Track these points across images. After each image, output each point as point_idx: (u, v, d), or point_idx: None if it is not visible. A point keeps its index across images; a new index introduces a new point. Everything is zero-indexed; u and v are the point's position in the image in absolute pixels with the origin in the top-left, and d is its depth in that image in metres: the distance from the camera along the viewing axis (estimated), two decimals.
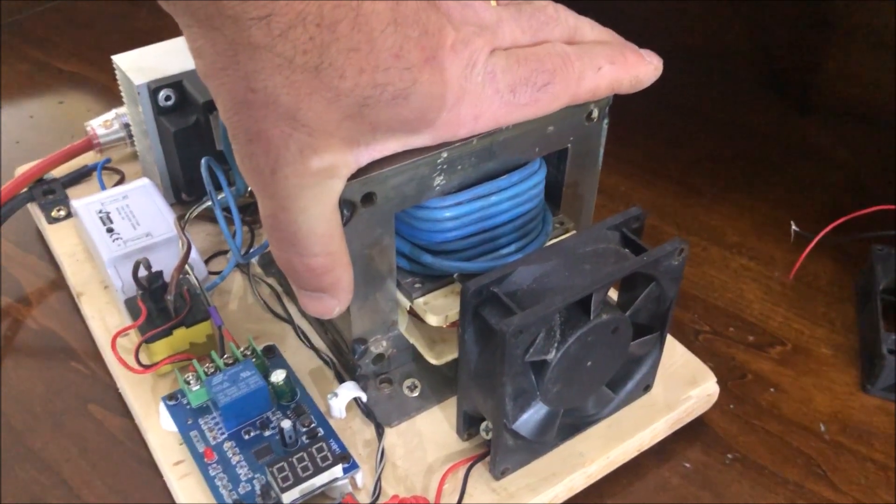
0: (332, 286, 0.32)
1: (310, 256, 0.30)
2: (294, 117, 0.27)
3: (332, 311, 0.33)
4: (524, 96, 0.30)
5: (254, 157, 0.28)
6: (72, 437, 0.41)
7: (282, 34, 0.25)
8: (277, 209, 0.29)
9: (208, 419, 0.38)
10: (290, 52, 0.25)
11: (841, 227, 0.50)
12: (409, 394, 0.40)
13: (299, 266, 0.31)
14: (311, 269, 0.31)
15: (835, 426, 0.42)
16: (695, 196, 0.58)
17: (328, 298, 0.32)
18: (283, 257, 0.31)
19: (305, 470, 0.34)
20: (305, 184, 0.28)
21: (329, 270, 0.31)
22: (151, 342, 0.40)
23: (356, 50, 0.26)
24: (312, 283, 0.31)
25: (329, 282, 0.31)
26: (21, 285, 0.50)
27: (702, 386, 0.41)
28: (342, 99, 0.27)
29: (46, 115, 0.67)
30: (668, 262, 0.35)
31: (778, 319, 0.48)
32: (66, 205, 0.52)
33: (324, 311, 0.33)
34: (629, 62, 0.34)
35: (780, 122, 0.65)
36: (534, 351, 0.32)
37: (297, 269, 0.31)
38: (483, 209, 0.36)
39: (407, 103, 0.28)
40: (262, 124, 0.27)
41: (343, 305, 0.33)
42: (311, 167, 0.28)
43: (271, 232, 0.30)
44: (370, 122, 0.28)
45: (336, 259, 0.31)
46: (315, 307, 0.33)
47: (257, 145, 0.27)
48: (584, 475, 0.38)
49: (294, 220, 0.29)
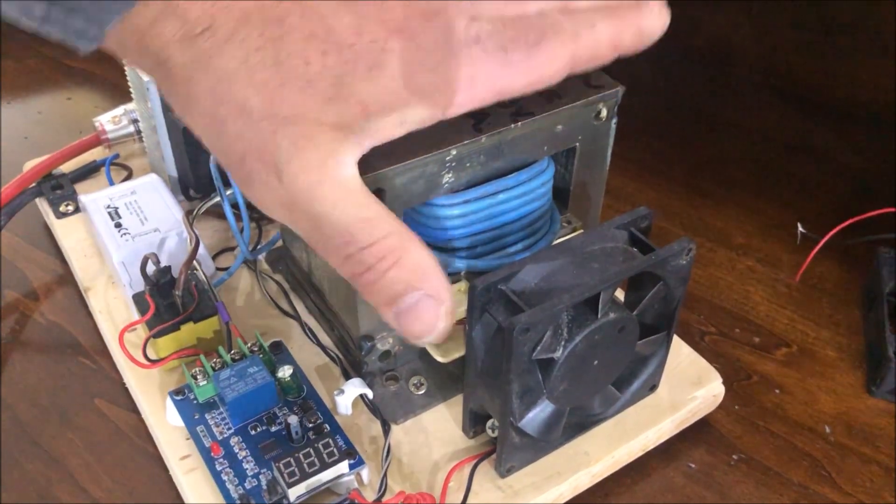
0: (419, 273, 0.28)
1: (374, 244, 0.27)
2: (273, 114, 0.26)
3: (438, 320, 0.28)
4: (517, 53, 0.28)
5: (254, 176, 0.27)
6: (79, 431, 0.41)
7: (228, 39, 0.25)
8: (310, 220, 0.27)
9: (215, 414, 0.38)
10: (241, 53, 0.25)
11: (847, 230, 0.50)
12: (416, 391, 0.40)
13: (372, 261, 0.27)
14: (384, 258, 0.27)
15: (840, 428, 0.42)
16: (701, 197, 0.58)
17: (425, 299, 0.28)
18: (355, 268, 0.28)
19: (312, 465, 0.34)
20: (318, 179, 0.27)
21: (402, 247, 0.28)
22: (159, 337, 0.40)
23: (313, 36, 0.26)
24: (397, 279, 0.27)
25: (412, 267, 0.28)
26: (29, 280, 0.50)
27: (707, 386, 0.41)
28: (315, 83, 0.26)
29: (55, 111, 0.67)
30: (675, 261, 0.35)
31: (784, 321, 0.48)
32: (75, 200, 0.52)
33: (427, 322, 0.28)
34: (627, 15, 0.31)
35: (787, 124, 0.65)
36: (541, 349, 0.32)
37: (373, 269, 0.27)
38: (491, 207, 0.36)
39: (385, 72, 0.27)
40: (245, 133, 0.26)
41: (446, 302, 0.28)
42: (312, 159, 0.26)
43: (323, 245, 0.28)
44: (357, 102, 0.27)
45: (402, 233, 0.28)
46: (416, 322, 0.28)
47: (251, 159, 0.26)
48: (588, 474, 0.38)
49: (335, 220, 0.27)
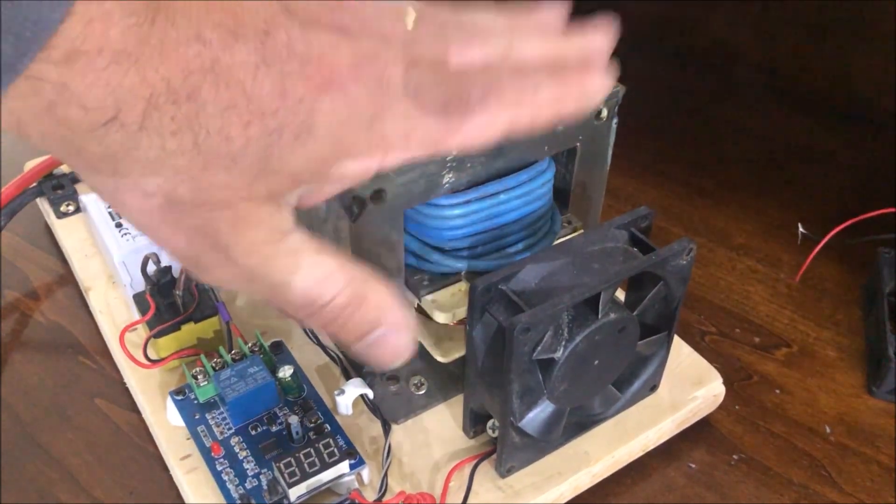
0: (381, 310, 0.28)
1: (336, 297, 0.27)
2: (203, 200, 0.24)
3: (403, 346, 0.29)
4: (457, 115, 0.27)
5: (205, 258, 0.26)
6: (79, 431, 0.41)
7: (140, 128, 0.22)
8: (270, 290, 0.26)
9: (215, 414, 0.38)
10: (158, 141, 0.23)
11: (847, 230, 0.50)
12: (416, 391, 0.40)
13: (336, 312, 0.27)
14: (346, 307, 0.27)
15: (840, 428, 0.42)
16: (701, 197, 0.58)
17: (388, 332, 0.28)
18: (318, 321, 0.27)
19: (312, 465, 0.34)
20: (267, 254, 0.26)
21: (362, 292, 0.28)
22: (159, 337, 0.40)
23: (232, 107, 0.23)
24: (362, 321, 0.28)
25: (373, 306, 0.28)
26: (29, 280, 0.50)
27: (708, 387, 0.41)
28: (239, 161, 0.24)
29: None
30: (676, 261, 0.35)
31: (784, 321, 0.48)
32: (75, 200, 0.52)
33: (394, 351, 0.29)
34: (571, 79, 0.30)
35: (787, 124, 0.65)
36: (541, 349, 0.32)
37: (338, 318, 0.27)
38: (492, 207, 0.36)
39: (313, 137, 0.25)
40: (182, 223, 0.25)
41: (409, 330, 0.29)
42: (256, 238, 0.25)
43: (285, 309, 0.27)
44: (287, 173, 0.25)
45: (359, 278, 0.28)
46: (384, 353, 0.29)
47: (196, 245, 0.25)
48: (589, 474, 0.38)
49: (294, 287, 0.26)
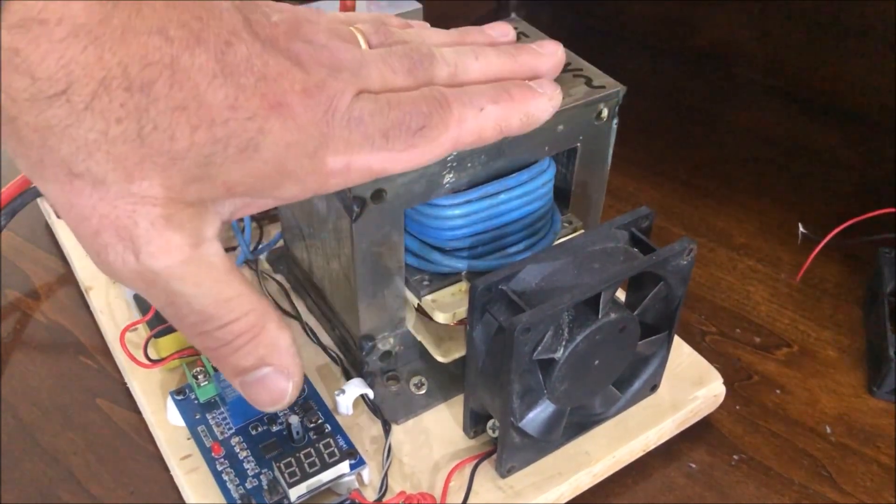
0: (272, 349, 0.28)
1: (232, 322, 0.27)
2: (130, 192, 0.24)
3: (286, 393, 0.28)
4: (399, 142, 0.28)
5: (109, 250, 0.25)
6: (80, 430, 0.41)
7: (87, 107, 0.22)
8: (168, 297, 0.26)
9: (216, 414, 0.38)
10: (101, 124, 0.23)
11: (848, 230, 0.50)
12: (416, 391, 0.40)
13: (228, 339, 0.27)
14: (240, 336, 0.27)
15: (841, 428, 0.42)
16: (702, 197, 0.58)
17: (273, 374, 0.28)
18: (208, 343, 0.27)
19: (312, 466, 0.34)
20: (179, 260, 0.25)
21: (259, 325, 0.27)
22: (160, 337, 0.40)
23: (183, 108, 0.23)
24: (250, 354, 0.27)
25: (267, 343, 0.28)
26: (30, 279, 0.50)
27: (708, 387, 0.41)
28: (179, 162, 0.24)
29: None
30: (676, 261, 0.35)
31: (784, 321, 0.48)
32: None
33: (275, 394, 0.28)
34: (516, 99, 0.31)
35: (788, 124, 0.65)
36: (542, 349, 0.32)
37: (228, 345, 0.27)
38: (492, 207, 0.36)
39: (258, 154, 0.25)
40: (100, 209, 0.24)
41: (294, 377, 0.29)
42: (171, 241, 0.25)
43: (178, 321, 0.27)
44: (223, 183, 0.25)
45: (260, 311, 0.27)
46: (264, 392, 0.28)
47: (106, 234, 0.24)
48: (589, 474, 0.38)
49: (194, 301, 0.26)
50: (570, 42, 0.40)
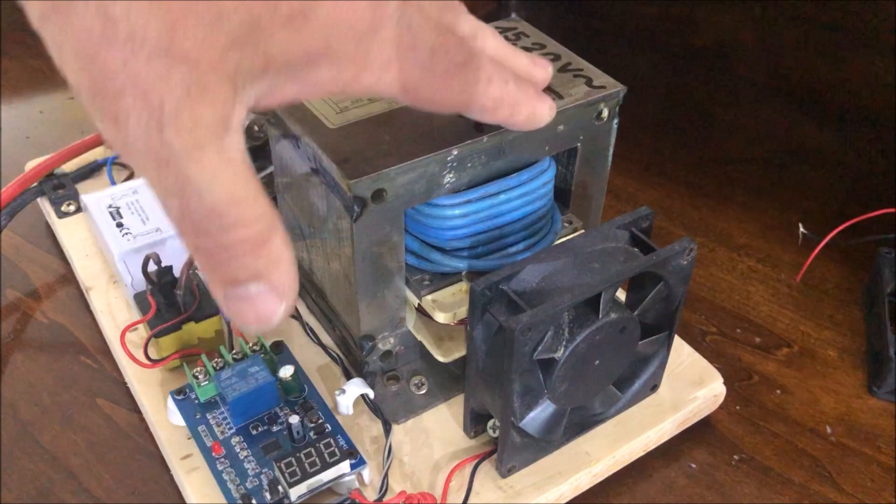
0: (273, 265, 0.25)
1: (240, 226, 0.24)
2: (169, 50, 0.21)
3: (274, 315, 0.26)
4: (440, 66, 0.27)
5: (130, 117, 0.22)
6: (80, 430, 0.41)
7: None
8: (179, 183, 0.23)
9: (216, 414, 0.38)
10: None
11: (848, 230, 0.50)
12: (417, 391, 0.40)
13: (231, 243, 0.24)
14: (244, 243, 0.24)
15: (841, 428, 0.42)
16: (702, 198, 0.58)
17: (266, 292, 0.25)
18: (206, 244, 0.24)
19: (313, 465, 0.34)
20: (204, 140, 0.23)
21: (267, 235, 0.25)
22: (160, 337, 0.40)
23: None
24: (248, 265, 0.25)
25: (269, 257, 0.25)
26: (31, 279, 0.50)
27: (708, 387, 0.41)
28: (225, 20, 0.22)
29: (56, 111, 0.67)
30: (676, 261, 0.35)
31: (785, 321, 0.48)
32: (76, 199, 0.52)
33: (262, 314, 0.25)
34: (530, 93, 0.31)
35: (788, 124, 0.65)
36: (542, 349, 0.32)
37: (228, 250, 0.24)
38: (492, 207, 0.36)
39: (307, 24, 0.23)
40: (131, 66, 0.21)
41: (288, 299, 0.26)
42: (201, 118, 0.22)
43: (179, 214, 0.24)
44: (263, 54, 0.23)
45: (271, 219, 0.25)
46: (253, 308, 0.25)
47: (130, 98, 0.21)
48: (589, 474, 0.38)
49: (207, 192, 0.23)
50: (570, 42, 0.40)
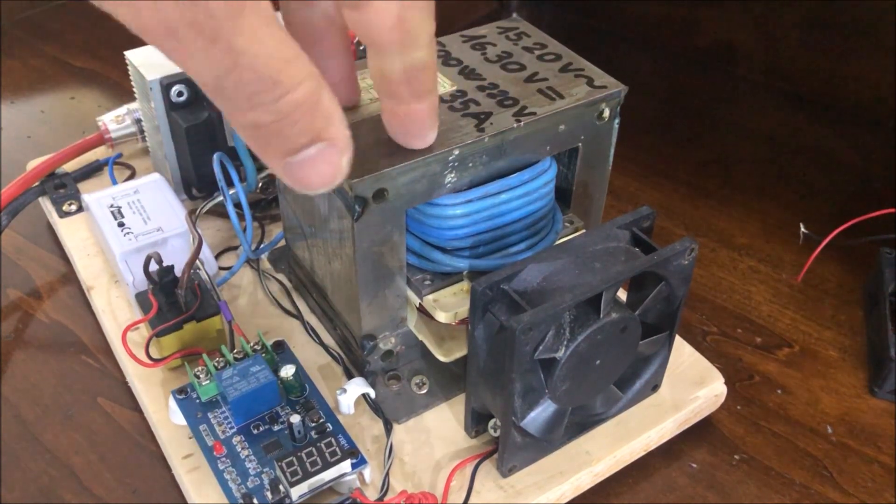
0: (329, 120, 0.25)
1: (294, 87, 0.24)
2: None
3: (340, 169, 0.26)
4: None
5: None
6: (81, 430, 0.41)
7: None
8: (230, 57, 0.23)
9: (217, 413, 0.38)
10: None
11: (849, 230, 0.50)
12: (418, 390, 0.40)
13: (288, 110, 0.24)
14: (300, 105, 0.24)
15: (842, 428, 0.42)
16: (703, 198, 0.58)
17: (328, 149, 0.26)
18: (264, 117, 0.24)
19: (314, 465, 0.34)
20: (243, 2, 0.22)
21: (318, 92, 0.25)
22: (162, 336, 0.40)
23: None
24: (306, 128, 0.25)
25: (325, 114, 0.25)
26: (32, 279, 0.50)
27: (709, 386, 0.41)
28: None
29: (58, 111, 0.67)
30: (678, 261, 0.35)
31: (786, 321, 0.48)
32: (78, 199, 0.52)
33: (327, 172, 0.26)
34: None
35: (789, 124, 0.65)
36: (543, 348, 0.32)
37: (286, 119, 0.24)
38: (493, 207, 0.36)
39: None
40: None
41: (348, 150, 0.26)
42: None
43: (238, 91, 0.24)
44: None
45: (317, 75, 0.25)
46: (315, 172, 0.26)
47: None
48: (590, 474, 0.38)
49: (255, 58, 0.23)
50: (571, 42, 0.40)
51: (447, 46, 0.40)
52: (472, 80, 0.37)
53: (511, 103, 0.36)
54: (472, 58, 0.39)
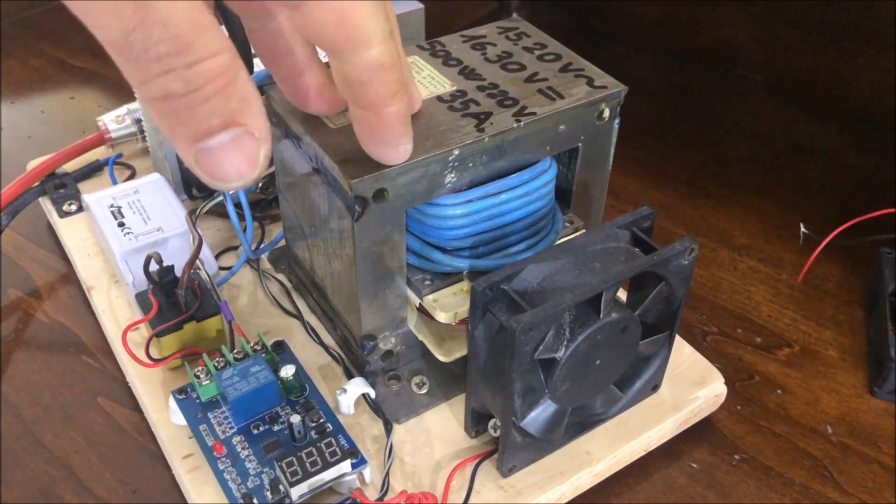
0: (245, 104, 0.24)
1: (208, 56, 0.22)
2: None
3: (257, 161, 0.24)
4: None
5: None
6: (81, 430, 0.41)
7: None
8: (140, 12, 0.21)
9: (217, 413, 0.38)
10: None
11: (849, 230, 0.50)
12: (418, 390, 0.40)
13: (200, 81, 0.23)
14: (214, 80, 0.23)
15: (842, 428, 0.42)
16: (703, 198, 0.58)
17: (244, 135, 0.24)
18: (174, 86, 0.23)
19: (314, 465, 0.34)
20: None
21: (234, 70, 0.23)
22: (162, 336, 0.40)
23: None
24: (220, 109, 0.23)
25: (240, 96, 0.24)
26: (32, 279, 0.50)
27: (709, 386, 0.41)
28: None
29: (58, 111, 0.67)
30: (678, 261, 0.35)
31: (786, 321, 0.48)
32: (78, 199, 0.52)
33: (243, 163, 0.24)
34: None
35: (789, 124, 0.65)
36: (543, 348, 0.32)
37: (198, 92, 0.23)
38: (493, 207, 0.36)
39: None
40: None
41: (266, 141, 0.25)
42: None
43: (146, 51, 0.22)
44: None
45: (234, 53, 0.23)
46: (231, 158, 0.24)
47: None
48: (590, 474, 0.38)
49: (168, 18, 0.22)
50: (571, 42, 0.40)
51: (447, 46, 0.40)
52: (472, 80, 0.37)
53: (511, 103, 0.36)
54: (472, 58, 0.39)
